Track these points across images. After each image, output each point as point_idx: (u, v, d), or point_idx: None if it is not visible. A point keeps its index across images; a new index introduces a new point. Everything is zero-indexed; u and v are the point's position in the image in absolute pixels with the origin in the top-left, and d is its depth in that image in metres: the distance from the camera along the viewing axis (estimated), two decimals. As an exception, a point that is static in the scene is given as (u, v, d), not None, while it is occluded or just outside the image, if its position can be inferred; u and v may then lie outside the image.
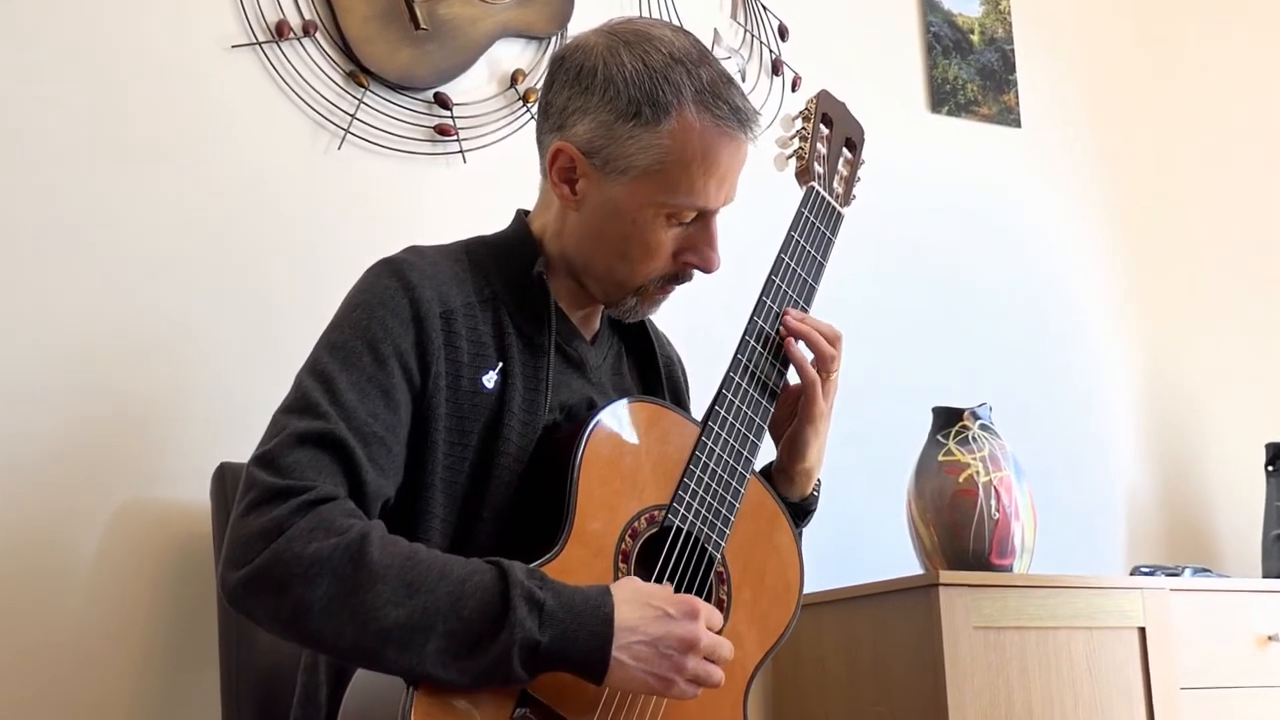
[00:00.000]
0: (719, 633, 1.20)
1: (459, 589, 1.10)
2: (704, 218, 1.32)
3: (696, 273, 1.35)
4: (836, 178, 1.50)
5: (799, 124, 1.50)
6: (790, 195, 1.47)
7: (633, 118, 1.26)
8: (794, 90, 2.43)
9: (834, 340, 1.39)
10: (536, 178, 1.40)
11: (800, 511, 1.46)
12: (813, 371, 1.38)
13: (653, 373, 1.47)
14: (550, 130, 1.32)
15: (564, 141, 1.29)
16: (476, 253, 1.35)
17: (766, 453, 1.40)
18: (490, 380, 1.27)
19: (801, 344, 1.38)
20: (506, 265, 1.34)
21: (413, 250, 1.32)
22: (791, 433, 1.41)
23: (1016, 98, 2.72)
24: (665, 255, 1.31)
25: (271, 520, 1.10)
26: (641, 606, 1.15)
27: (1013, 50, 2.74)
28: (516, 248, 1.36)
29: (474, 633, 1.09)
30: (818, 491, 1.48)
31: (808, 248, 1.42)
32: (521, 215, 1.41)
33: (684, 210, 1.29)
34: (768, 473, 1.45)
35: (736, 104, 1.29)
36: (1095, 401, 2.70)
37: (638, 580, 1.20)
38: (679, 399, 1.52)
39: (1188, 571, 2.20)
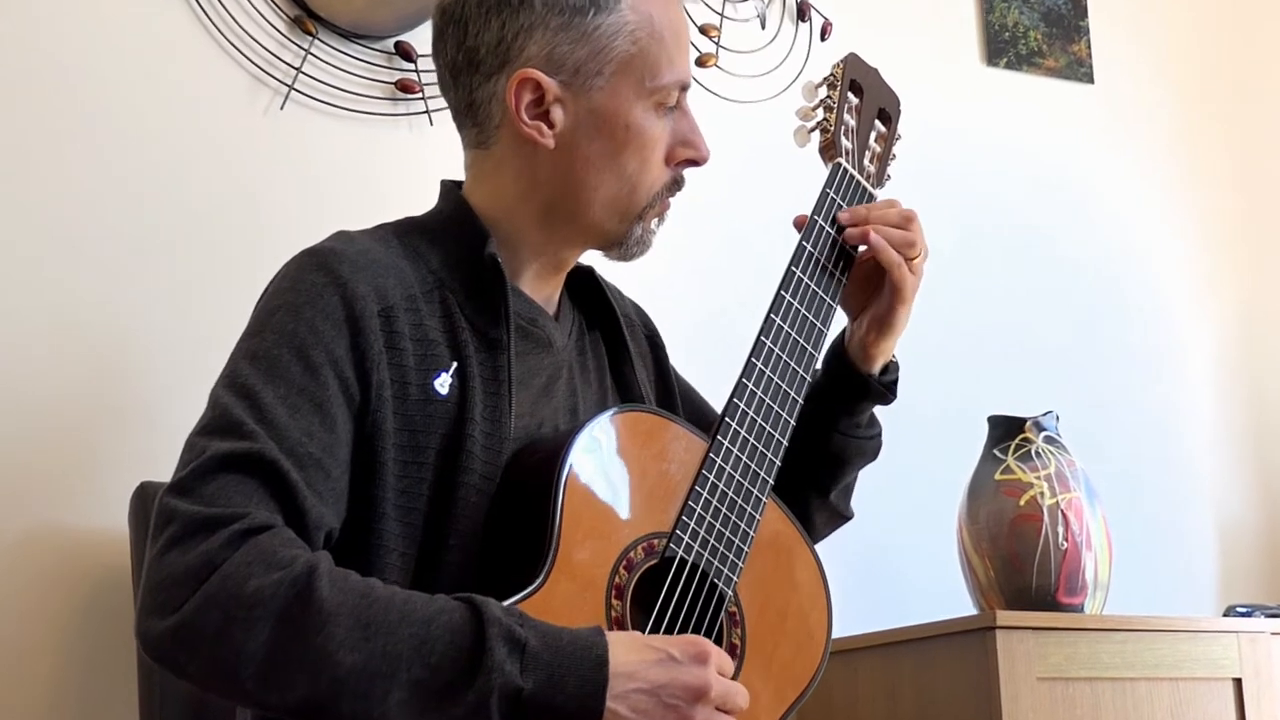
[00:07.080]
0: (732, 679, 1.20)
1: (424, 631, 1.10)
2: (681, 100, 1.39)
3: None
4: (868, 154, 1.51)
5: (823, 92, 1.51)
6: (815, 173, 1.48)
7: (589, 6, 1.33)
8: (824, 39, 2.44)
9: (906, 222, 1.44)
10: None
11: (886, 386, 1.50)
12: (894, 253, 1.42)
13: (618, 342, 1.49)
14: (491, 73, 1.35)
15: (522, 70, 1.32)
16: (410, 236, 1.36)
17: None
18: (444, 385, 1.28)
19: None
20: (449, 248, 1.35)
21: (340, 237, 1.32)
22: (880, 313, 1.45)
23: (1088, 48, 2.72)
24: (662, 158, 1.37)
25: (199, 556, 1.10)
26: (641, 649, 1.15)
27: (1084, -9, 2.74)
28: (459, 227, 1.37)
29: (444, 681, 1.09)
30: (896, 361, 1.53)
31: (834, 234, 1.43)
32: (453, 188, 1.42)
33: (670, 90, 1.36)
34: (834, 350, 1.49)
35: None
36: (1182, 409, 2.69)
37: (635, 632, 1.20)
38: (645, 361, 1.53)
39: (1292, 612, 2.21)
